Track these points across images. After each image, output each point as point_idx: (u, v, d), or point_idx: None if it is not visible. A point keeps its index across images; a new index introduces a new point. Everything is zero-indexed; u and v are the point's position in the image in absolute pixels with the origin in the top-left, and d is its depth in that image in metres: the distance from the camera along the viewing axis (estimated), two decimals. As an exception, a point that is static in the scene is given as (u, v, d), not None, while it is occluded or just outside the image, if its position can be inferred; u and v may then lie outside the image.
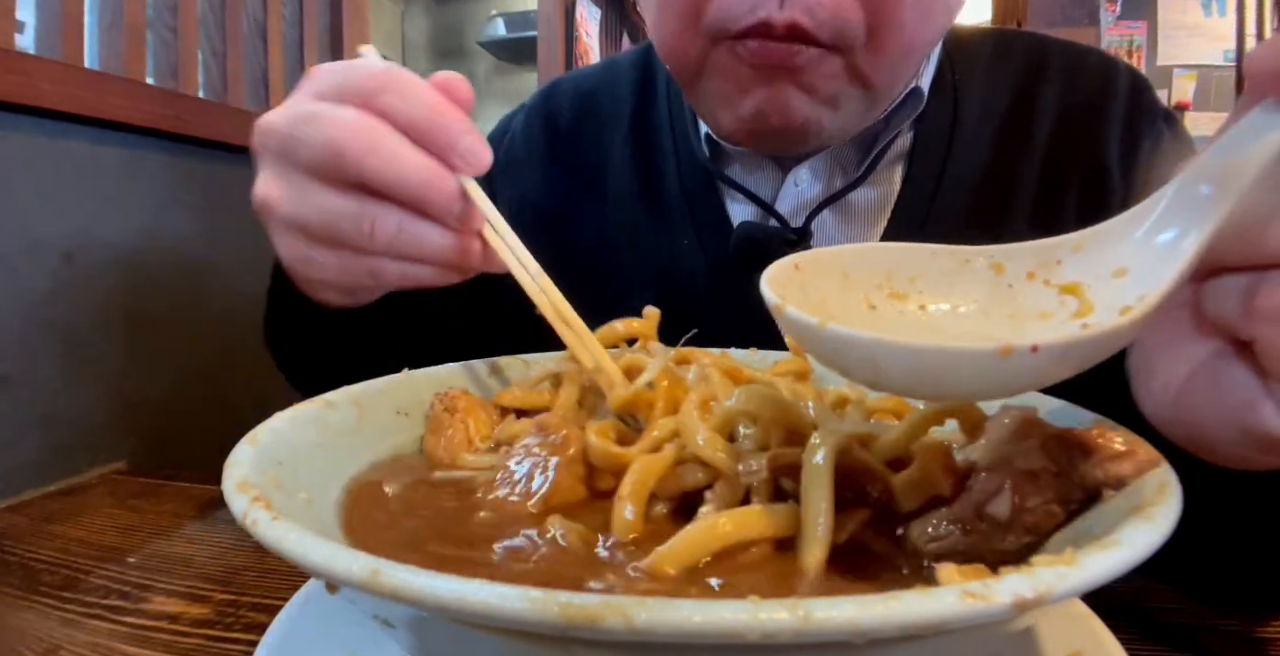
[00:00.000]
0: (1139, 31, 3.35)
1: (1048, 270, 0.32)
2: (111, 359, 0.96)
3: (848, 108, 0.60)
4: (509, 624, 0.19)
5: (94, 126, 0.94)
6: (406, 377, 0.45)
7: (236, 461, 0.30)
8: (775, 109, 0.57)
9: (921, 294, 0.34)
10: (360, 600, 0.25)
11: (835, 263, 0.35)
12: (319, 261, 0.43)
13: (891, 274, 0.34)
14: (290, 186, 0.42)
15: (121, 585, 0.53)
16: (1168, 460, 0.29)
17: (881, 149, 0.67)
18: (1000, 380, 0.27)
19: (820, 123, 0.59)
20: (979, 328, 0.32)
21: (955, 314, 0.33)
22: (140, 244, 1.01)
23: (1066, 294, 0.31)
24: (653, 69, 0.80)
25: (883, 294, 0.34)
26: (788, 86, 0.57)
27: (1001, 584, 0.20)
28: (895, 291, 0.34)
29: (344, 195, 0.40)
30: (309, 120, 0.40)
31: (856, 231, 0.70)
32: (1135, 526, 0.23)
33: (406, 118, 0.40)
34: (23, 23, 0.91)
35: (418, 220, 0.41)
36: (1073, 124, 0.67)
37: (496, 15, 3.49)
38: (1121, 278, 0.29)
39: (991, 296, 0.33)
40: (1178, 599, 0.47)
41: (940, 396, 0.32)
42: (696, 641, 0.19)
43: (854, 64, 0.56)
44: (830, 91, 0.57)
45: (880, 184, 0.69)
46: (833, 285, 0.34)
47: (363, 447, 0.40)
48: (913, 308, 0.34)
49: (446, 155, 0.40)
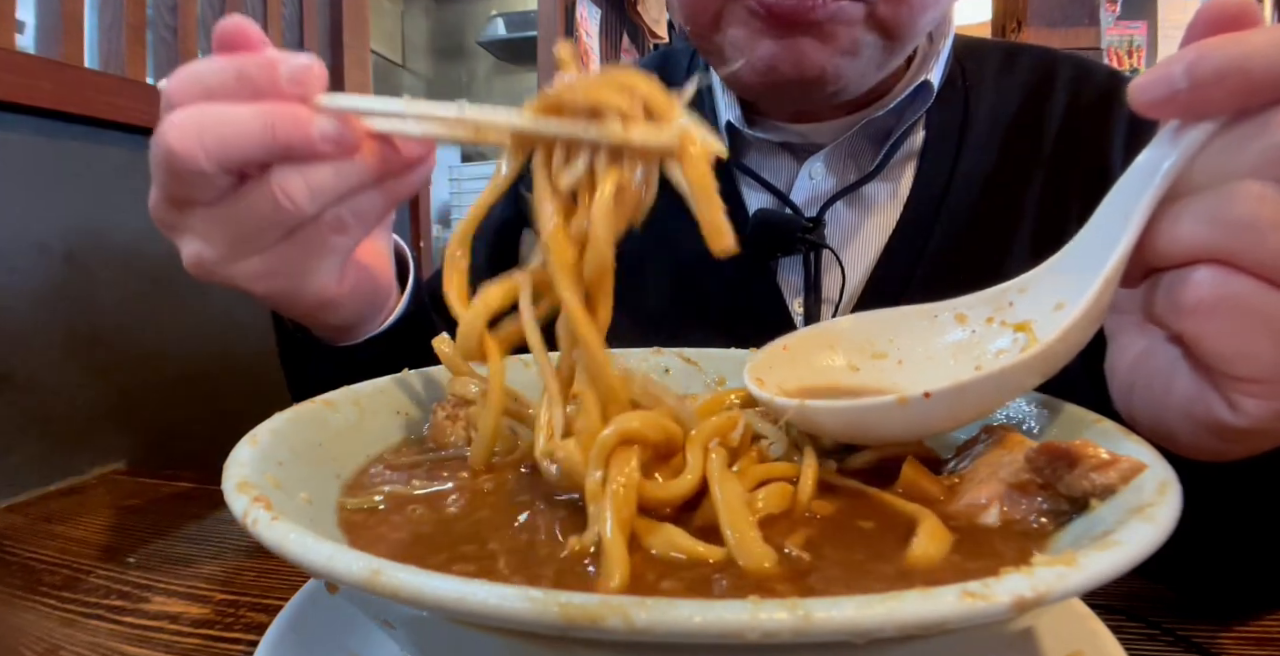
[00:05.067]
0: (1139, 31, 3.36)
1: (1002, 313, 0.37)
2: (111, 359, 0.96)
3: (866, 55, 0.61)
4: (509, 624, 0.19)
5: (94, 126, 0.94)
6: (407, 377, 0.46)
7: (236, 461, 0.30)
8: (790, 60, 0.59)
9: (899, 350, 0.40)
10: (360, 600, 0.25)
11: (821, 338, 0.41)
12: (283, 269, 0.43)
13: (872, 339, 0.40)
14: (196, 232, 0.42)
15: (121, 585, 0.53)
16: (1168, 460, 0.29)
17: (894, 144, 0.69)
18: (907, 424, 0.33)
19: (839, 71, 0.60)
20: (947, 372, 0.37)
21: (929, 362, 0.39)
22: (140, 244, 1.01)
23: (1019, 331, 0.36)
24: (670, 69, 0.82)
25: (865, 356, 0.40)
26: (803, 38, 0.58)
27: (1001, 583, 0.19)
28: (877, 352, 0.40)
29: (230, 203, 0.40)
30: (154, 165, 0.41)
31: (869, 223, 0.71)
32: (1135, 526, 0.23)
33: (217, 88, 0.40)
34: (23, 23, 0.91)
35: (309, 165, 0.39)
36: (1078, 128, 0.69)
37: (496, 15, 3.49)
38: (1060, 310, 0.33)
39: (958, 343, 0.38)
40: (1177, 599, 0.47)
41: (871, 441, 0.36)
42: (696, 641, 0.19)
43: (875, 11, 0.58)
44: (849, 39, 0.59)
45: (892, 179, 0.71)
46: (821, 357, 0.41)
47: (363, 447, 0.40)
48: (892, 364, 0.40)
49: (275, 93, 0.39)
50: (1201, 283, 0.28)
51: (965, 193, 0.69)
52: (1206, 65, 0.27)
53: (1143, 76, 0.29)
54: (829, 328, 0.42)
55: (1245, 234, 0.27)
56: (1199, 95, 0.28)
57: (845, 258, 0.69)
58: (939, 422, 0.34)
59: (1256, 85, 0.27)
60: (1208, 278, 0.28)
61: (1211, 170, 0.29)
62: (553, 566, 0.28)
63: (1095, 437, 0.31)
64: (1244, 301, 0.27)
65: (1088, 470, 0.29)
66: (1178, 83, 0.28)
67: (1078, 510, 0.29)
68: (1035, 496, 0.30)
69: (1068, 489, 0.29)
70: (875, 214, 0.71)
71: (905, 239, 0.69)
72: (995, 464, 0.32)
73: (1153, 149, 0.30)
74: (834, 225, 0.71)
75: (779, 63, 0.59)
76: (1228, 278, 0.28)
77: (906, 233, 0.69)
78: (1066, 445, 0.30)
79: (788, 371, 0.40)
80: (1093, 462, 0.29)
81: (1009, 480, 0.31)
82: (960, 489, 0.33)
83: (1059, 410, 0.37)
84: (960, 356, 0.38)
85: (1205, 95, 0.28)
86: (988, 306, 0.37)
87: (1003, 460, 0.32)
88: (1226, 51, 0.27)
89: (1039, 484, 0.30)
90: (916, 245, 0.68)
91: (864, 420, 0.34)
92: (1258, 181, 0.27)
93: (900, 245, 0.69)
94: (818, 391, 0.39)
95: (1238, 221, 0.27)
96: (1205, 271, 0.28)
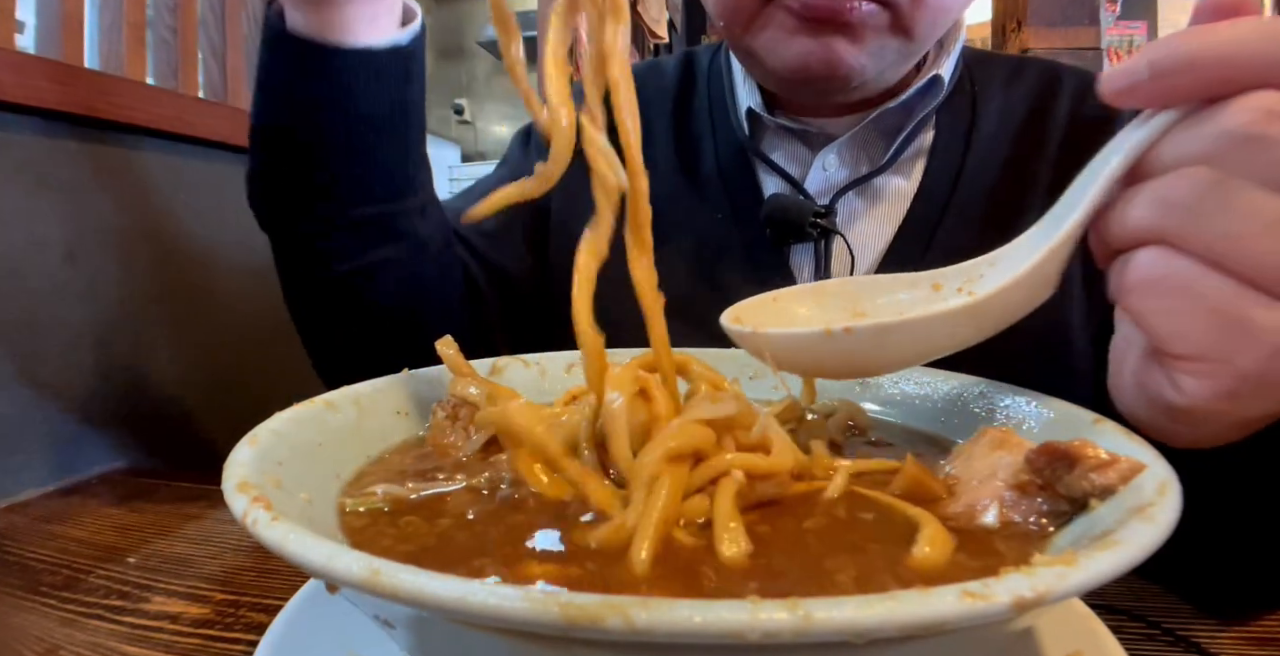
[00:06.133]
0: (1139, 31, 3.35)
1: (972, 283, 0.39)
2: (111, 359, 0.96)
3: (886, 57, 0.65)
4: (509, 624, 0.19)
5: (94, 126, 0.94)
6: (407, 377, 0.46)
7: (236, 461, 0.30)
8: (822, 58, 0.63)
9: (877, 310, 0.43)
10: (360, 600, 0.25)
11: (809, 295, 0.45)
12: None
13: (857, 298, 0.44)
14: None
15: (121, 585, 0.53)
16: (1168, 460, 0.29)
17: (905, 139, 0.72)
18: (835, 355, 0.37)
19: (863, 70, 0.64)
20: None
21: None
22: (141, 244, 1.01)
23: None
24: (693, 66, 0.87)
25: (847, 314, 0.43)
26: (835, 37, 0.62)
27: (1001, 583, 0.19)
28: (857, 311, 0.43)
29: None
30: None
31: (879, 214, 0.74)
32: (1135, 526, 0.23)
33: None
34: (23, 23, 0.91)
35: None
36: (1083, 131, 0.71)
37: (496, 15, 3.48)
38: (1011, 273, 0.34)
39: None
40: (1177, 599, 0.47)
41: (805, 371, 0.41)
42: (696, 641, 0.19)
43: (899, 17, 0.62)
44: (875, 42, 0.63)
45: (903, 174, 0.74)
46: (806, 309, 0.44)
47: (363, 448, 0.40)
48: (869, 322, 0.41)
49: None
50: (1143, 263, 0.30)
51: (972, 190, 0.71)
52: (1168, 56, 0.29)
53: (1112, 68, 0.31)
54: (818, 287, 0.45)
55: (1185, 217, 0.28)
56: (1159, 85, 0.29)
57: (855, 246, 0.71)
58: (865, 359, 0.37)
59: (1214, 77, 0.28)
60: (1149, 258, 0.30)
61: (1172, 156, 0.30)
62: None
63: (1095, 438, 0.31)
64: (1182, 282, 0.29)
65: (1087, 470, 0.29)
66: (1140, 73, 0.29)
67: (1077, 510, 0.29)
68: (1035, 497, 0.30)
69: (1067, 489, 0.29)
70: (885, 206, 0.74)
71: (914, 231, 0.71)
72: (994, 465, 0.32)
73: (1121, 133, 0.32)
74: (845, 214, 0.73)
75: (812, 60, 0.63)
76: (1169, 258, 0.29)
77: (915, 225, 0.72)
78: (1066, 445, 0.30)
79: (768, 317, 0.43)
80: (1092, 463, 0.29)
81: (1008, 481, 0.31)
82: (959, 490, 0.33)
83: (1059, 410, 0.38)
84: None
85: (1166, 85, 0.29)
86: (960, 277, 0.40)
87: (1002, 461, 0.32)
88: (1189, 44, 0.28)
89: (1038, 484, 0.30)
90: (925, 238, 0.71)
91: (797, 347, 0.37)
92: (1204, 167, 0.28)
93: (909, 237, 0.72)
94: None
95: (1179, 204, 0.28)
96: (1148, 252, 0.30)
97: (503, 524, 0.32)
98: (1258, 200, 0.27)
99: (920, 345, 0.37)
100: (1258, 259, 0.27)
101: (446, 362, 0.44)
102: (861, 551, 0.29)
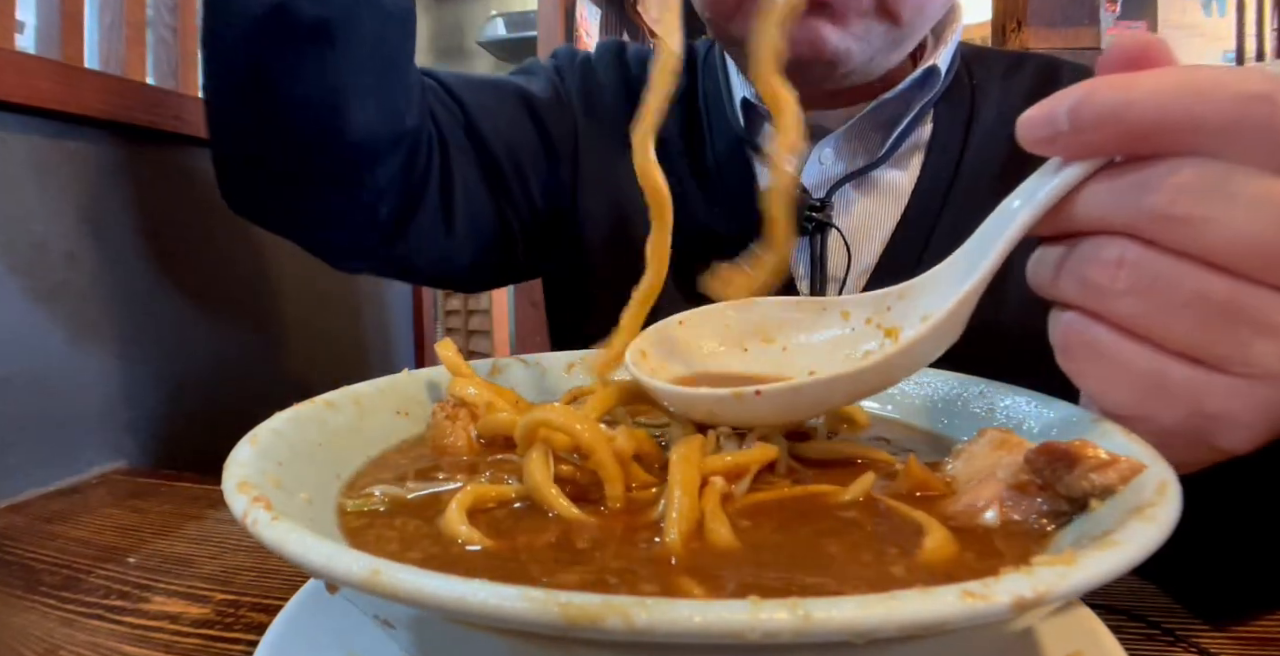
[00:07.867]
0: (1139, 31, 3.35)
1: (880, 316, 0.39)
2: (111, 359, 0.96)
3: (873, 42, 0.64)
4: (509, 624, 0.19)
5: (94, 126, 0.94)
6: (407, 377, 0.46)
7: (236, 461, 0.30)
8: (807, 41, 0.62)
9: (786, 337, 0.42)
10: (360, 600, 0.25)
11: (719, 318, 0.44)
12: None
13: (764, 324, 0.43)
14: None
15: (121, 585, 0.53)
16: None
17: (903, 132, 0.71)
18: (742, 414, 0.36)
19: (849, 54, 0.64)
20: (820, 362, 0.40)
21: (809, 351, 0.41)
22: (140, 244, 1.01)
23: (888, 337, 0.38)
24: (694, 53, 0.86)
25: (756, 339, 0.43)
26: (819, 20, 0.62)
27: (1001, 583, 0.19)
28: (766, 337, 0.43)
29: None
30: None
31: (876, 208, 0.73)
32: (1135, 526, 0.23)
33: None
34: (23, 23, 0.91)
35: None
36: None
37: (496, 15, 3.48)
38: (927, 322, 0.34)
39: (838, 338, 0.41)
40: (1177, 599, 0.47)
41: (714, 423, 0.38)
42: (696, 641, 0.19)
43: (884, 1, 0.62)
44: (860, 25, 0.63)
45: (900, 168, 0.73)
46: (716, 335, 0.43)
47: (363, 448, 0.40)
48: (778, 348, 0.42)
49: None
50: (1067, 326, 0.30)
51: (971, 184, 0.71)
52: (1088, 110, 0.28)
53: (1033, 110, 0.30)
54: (726, 308, 0.44)
55: (1103, 295, 0.29)
56: (1078, 139, 0.29)
57: (851, 239, 0.70)
58: (775, 416, 0.37)
59: (1134, 135, 0.28)
60: (1072, 321, 0.30)
61: (1094, 215, 0.30)
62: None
63: (1095, 438, 0.31)
64: (1100, 349, 0.29)
65: (1087, 470, 0.29)
66: (1060, 124, 0.29)
67: (1077, 510, 0.29)
68: (1035, 497, 0.30)
69: (1067, 489, 0.29)
70: (883, 199, 0.73)
71: (912, 225, 0.71)
72: (994, 465, 0.32)
73: (1035, 177, 0.32)
74: (841, 208, 0.73)
75: (796, 44, 0.62)
76: (1088, 326, 0.30)
77: (913, 219, 0.71)
78: (1066, 445, 0.30)
79: (677, 350, 0.43)
80: (1092, 463, 0.29)
81: (1008, 481, 0.31)
82: (959, 490, 0.33)
83: (1059, 410, 0.37)
84: (835, 351, 0.40)
85: (1084, 139, 0.29)
86: (869, 308, 0.40)
87: (1002, 461, 0.32)
88: (1108, 98, 0.28)
89: (1038, 484, 0.30)
90: (923, 232, 0.71)
91: (706, 406, 0.37)
92: (1120, 243, 0.28)
93: (907, 231, 0.71)
94: (707, 377, 0.42)
95: (1094, 283, 0.29)
96: (1070, 315, 0.30)
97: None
98: (1174, 278, 0.27)
99: (825, 401, 0.36)
100: (1176, 334, 0.28)
101: (446, 363, 0.45)
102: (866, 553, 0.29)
